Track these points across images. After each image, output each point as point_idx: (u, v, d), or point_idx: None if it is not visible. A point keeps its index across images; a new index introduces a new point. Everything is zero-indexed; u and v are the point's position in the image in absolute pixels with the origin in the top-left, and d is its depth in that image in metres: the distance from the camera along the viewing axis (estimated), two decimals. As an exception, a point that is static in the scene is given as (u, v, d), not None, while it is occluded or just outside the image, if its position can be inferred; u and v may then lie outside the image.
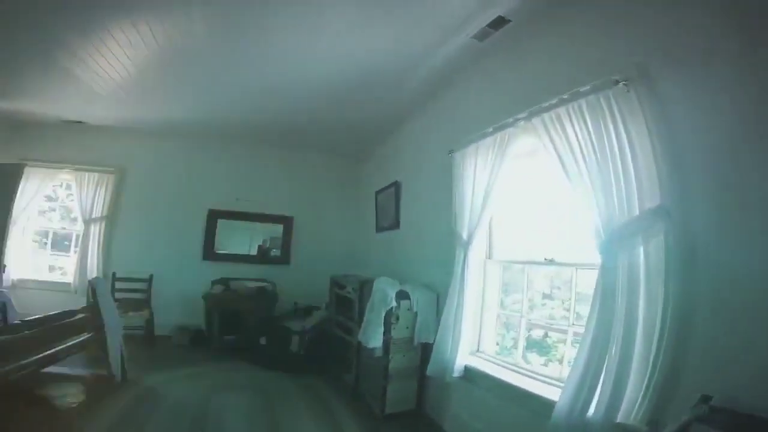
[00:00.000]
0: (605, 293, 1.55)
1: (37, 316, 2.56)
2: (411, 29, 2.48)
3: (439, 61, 2.83)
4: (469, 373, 2.42)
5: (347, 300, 3.59)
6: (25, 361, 2.24)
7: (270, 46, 2.81)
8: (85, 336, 2.90)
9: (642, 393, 1.40)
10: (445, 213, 2.79)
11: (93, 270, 4.61)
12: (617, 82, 1.57)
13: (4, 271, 4.24)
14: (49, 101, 4.08)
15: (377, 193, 4.52)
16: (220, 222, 5.11)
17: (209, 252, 5.06)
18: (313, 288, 4.78)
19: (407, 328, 2.85)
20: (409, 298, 2.86)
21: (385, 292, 2.81)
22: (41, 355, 2.40)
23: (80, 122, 4.70)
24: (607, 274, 1.56)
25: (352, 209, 5.49)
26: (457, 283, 2.47)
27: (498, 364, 2.37)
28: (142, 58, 2.98)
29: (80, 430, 2.28)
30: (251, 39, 2.73)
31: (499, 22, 2.29)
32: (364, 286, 3.25)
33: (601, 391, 1.50)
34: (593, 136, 1.67)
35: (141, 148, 5.02)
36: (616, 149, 1.58)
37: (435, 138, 3.35)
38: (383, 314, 2.76)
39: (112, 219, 4.83)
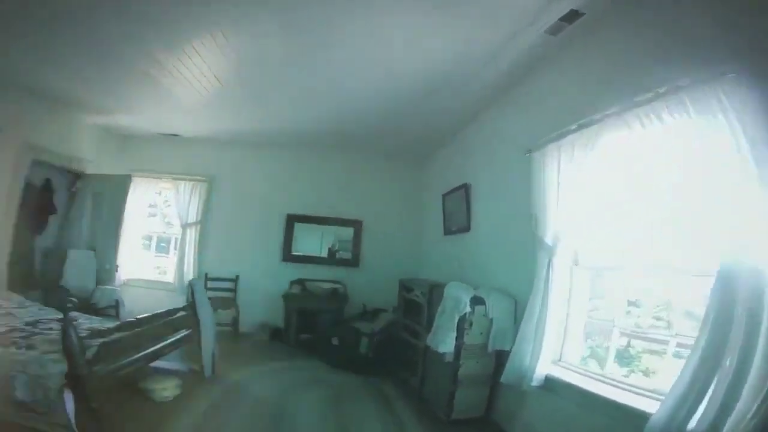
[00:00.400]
0: (723, 301, 1.39)
1: (146, 315, 2.79)
2: (479, 30, 2.45)
3: (509, 59, 2.76)
4: (550, 383, 2.30)
5: (415, 304, 3.60)
6: (137, 356, 2.44)
7: (341, 57, 2.93)
8: (184, 332, 3.11)
9: (754, 410, 1.24)
10: (522, 216, 2.67)
11: (189, 270, 5.15)
12: (725, 73, 1.42)
13: (117, 271, 4.88)
14: (148, 116, 4.64)
15: (444, 195, 4.47)
16: (297, 225, 5.43)
17: (287, 254, 5.40)
18: (380, 290, 4.92)
19: (481, 334, 2.78)
20: (485, 304, 2.78)
21: (459, 297, 2.77)
22: (149, 351, 2.59)
23: (176, 135, 5.29)
24: (728, 280, 1.40)
25: (417, 212, 5.52)
26: (539, 290, 2.34)
27: (583, 374, 2.23)
28: (222, 71, 3.25)
29: (174, 423, 2.45)
30: (323, 50, 2.86)
31: (572, 16, 2.22)
32: (434, 290, 3.23)
33: (708, 404, 1.37)
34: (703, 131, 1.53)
35: (228, 158, 5.52)
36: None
37: (508, 138, 3.23)
38: (456, 319, 2.72)
39: (204, 223, 5.35)
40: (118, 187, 4.87)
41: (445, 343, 2.73)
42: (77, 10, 2.44)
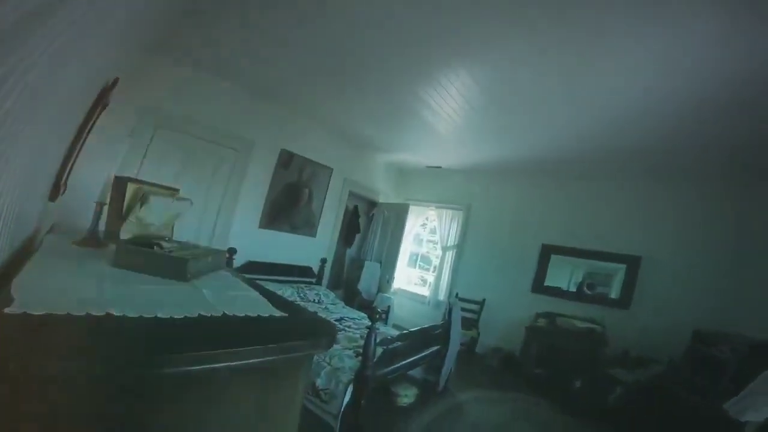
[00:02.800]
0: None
1: (415, 329, 3.20)
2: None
3: None
4: None
5: (714, 360, 2.95)
6: (403, 364, 2.81)
7: (611, 67, 2.47)
8: (435, 348, 3.37)
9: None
10: None
11: (443, 288, 5.68)
12: None
13: (393, 281, 5.94)
14: (417, 151, 5.41)
15: None
16: (553, 257, 5.03)
17: (538, 285, 5.07)
18: (654, 339, 3.96)
19: None
20: None
21: None
22: (410, 361, 2.92)
23: (439, 167, 5.99)
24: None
25: (733, 249, 3.95)
26: None
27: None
28: (475, 101, 3.36)
29: (407, 426, 2.70)
30: (584, 71, 2.53)
31: None
32: (755, 350, 2.68)
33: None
34: None
35: (483, 187, 5.79)
36: None
37: None
38: None
39: (460, 247, 5.80)
40: (399, 213, 6.00)
41: (756, 410, 2.16)
42: (375, 69, 3.09)
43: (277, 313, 1.00)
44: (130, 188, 1.40)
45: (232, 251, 3.75)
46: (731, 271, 3.92)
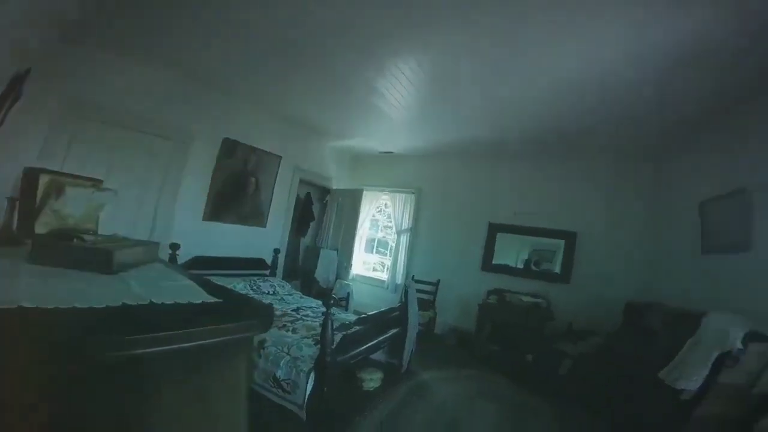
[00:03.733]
0: None
1: (373, 312, 3.25)
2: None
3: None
4: None
5: (647, 330, 3.15)
6: (364, 348, 2.82)
7: (545, 49, 2.60)
8: (395, 330, 3.39)
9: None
10: None
11: (400, 272, 5.77)
12: None
13: (351, 268, 5.93)
14: (369, 137, 5.42)
15: (703, 204, 3.37)
16: (499, 235, 5.27)
17: (487, 263, 5.30)
18: (593, 311, 4.28)
19: (749, 374, 2.19)
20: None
21: (725, 330, 2.29)
22: (372, 344, 2.95)
23: (390, 152, 6.02)
24: None
25: (654, 223, 4.37)
26: None
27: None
28: (422, 88, 3.45)
29: (374, 409, 2.76)
30: (521, 48, 2.63)
31: None
32: (682, 319, 2.74)
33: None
34: None
35: (432, 171, 5.91)
36: None
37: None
38: (714, 355, 2.26)
39: (414, 231, 5.90)
40: (354, 199, 5.96)
41: (688, 379, 2.31)
42: (323, 55, 3.03)
43: (210, 299, 0.96)
44: (43, 179, 1.26)
45: (175, 247, 3.54)
46: (653, 244, 4.34)
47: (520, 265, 5.15)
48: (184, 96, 3.91)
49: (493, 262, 5.28)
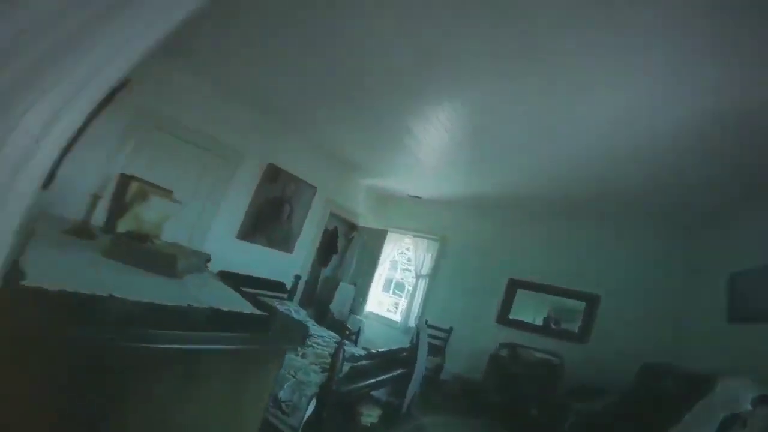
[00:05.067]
0: None
1: (383, 350, 3.30)
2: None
3: None
4: None
5: (661, 392, 3.09)
6: (368, 383, 2.87)
7: (583, 107, 2.64)
8: (401, 370, 3.41)
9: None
10: None
11: (414, 315, 5.77)
12: None
13: (366, 304, 5.99)
14: (399, 180, 5.60)
15: (736, 275, 3.34)
16: (519, 292, 5.25)
17: (503, 316, 5.26)
18: (608, 370, 4.19)
19: None
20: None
21: (735, 394, 2.32)
22: (377, 380, 2.99)
23: (418, 197, 6.20)
24: None
25: (677, 288, 4.29)
26: None
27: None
28: (457, 133, 3.53)
29: None
30: (556, 119, 2.78)
31: None
32: (698, 383, 2.72)
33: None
34: None
35: (459, 219, 6.04)
36: None
37: None
38: (720, 417, 2.27)
39: (433, 277, 5.96)
40: (379, 238, 6.13)
41: None
42: (371, 97, 3.26)
43: (258, 312, 1.10)
44: (133, 186, 1.49)
45: (208, 258, 3.75)
46: (678, 311, 4.22)
47: (538, 322, 5.08)
48: (243, 120, 4.31)
49: (510, 316, 5.24)
